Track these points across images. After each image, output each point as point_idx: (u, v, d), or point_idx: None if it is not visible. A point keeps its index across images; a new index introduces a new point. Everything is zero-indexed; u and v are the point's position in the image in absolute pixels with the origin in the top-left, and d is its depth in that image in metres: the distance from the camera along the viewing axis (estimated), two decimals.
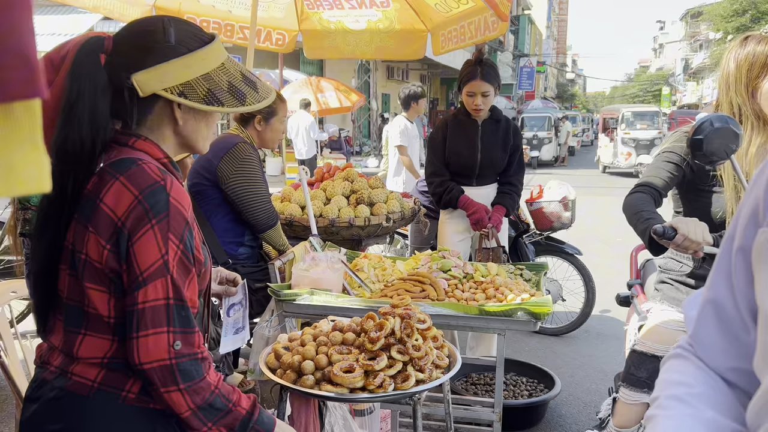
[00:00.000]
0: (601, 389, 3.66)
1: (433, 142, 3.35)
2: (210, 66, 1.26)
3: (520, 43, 38.84)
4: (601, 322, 4.83)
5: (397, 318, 1.77)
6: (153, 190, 1.16)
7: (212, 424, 1.24)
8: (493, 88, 3.16)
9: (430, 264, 2.69)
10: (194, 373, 1.19)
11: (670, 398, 0.75)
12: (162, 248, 1.17)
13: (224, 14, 4.23)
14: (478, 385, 3.38)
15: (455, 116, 3.33)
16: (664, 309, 2.05)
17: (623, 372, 2.14)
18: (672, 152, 2.05)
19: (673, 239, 1.68)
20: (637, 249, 2.85)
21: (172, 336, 1.17)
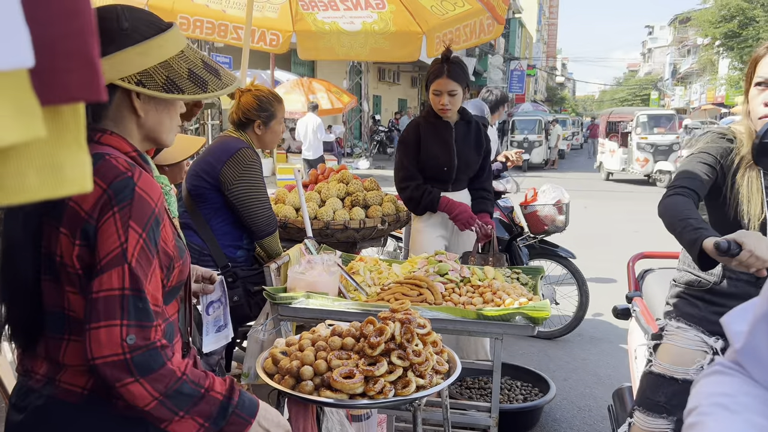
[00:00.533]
0: (595, 393, 3.66)
1: (405, 145, 3.17)
2: (168, 53, 1.21)
3: (510, 46, 39.00)
4: (593, 325, 4.83)
5: (398, 323, 1.74)
6: (119, 180, 1.12)
7: (183, 413, 1.14)
8: (460, 87, 3.03)
9: (426, 267, 2.67)
10: (152, 362, 1.11)
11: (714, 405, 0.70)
12: (121, 236, 1.10)
13: (217, 14, 4.19)
14: (472, 389, 3.36)
15: (426, 118, 3.18)
16: (681, 326, 1.90)
17: (638, 394, 1.99)
18: (707, 153, 1.86)
19: (737, 255, 1.50)
20: (634, 258, 2.74)
21: (125, 329, 1.09)
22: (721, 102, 35.28)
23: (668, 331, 1.92)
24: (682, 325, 1.88)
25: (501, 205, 4.40)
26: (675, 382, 1.82)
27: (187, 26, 4.07)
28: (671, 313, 1.96)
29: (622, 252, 7.06)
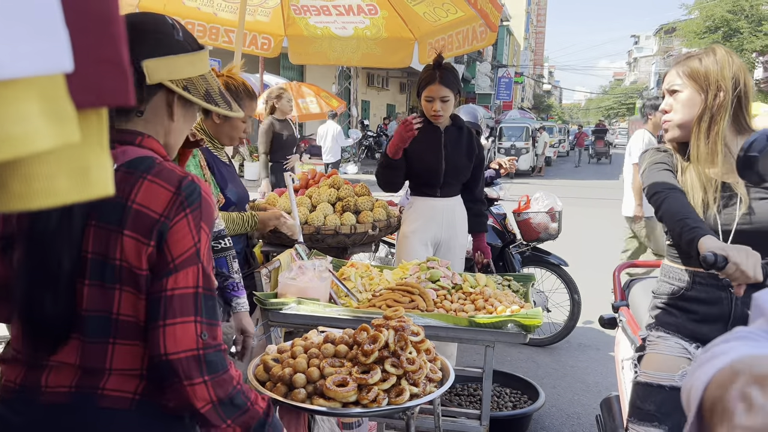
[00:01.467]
0: (583, 400, 3.67)
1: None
2: (205, 69, 1.31)
3: (498, 53, 39.24)
4: (582, 332, 4.85)
5: (391, 330, 1.74)
6: (188, 183, 1.16)
7: (231, 421, 1.18)
8: (452, 93, 3.04)
9: (418, 274, 2.66)
10: (219, 364, 1.14)
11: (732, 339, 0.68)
12: (195, 236, 1.15)
13: (209, 17, 4.16)
14: (462, 396, 3.36)
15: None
16: (661, 335, 1.91)
17: (629, 406, 1.97)
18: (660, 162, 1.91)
19: (723, 269, 1.51)
20: (619, 268, 2.73)
21: (200, 326, 1.13)
22: None
23: (650, 341, 1.94)
24: (662, 334, 1.91)
25: (494, 212, 4.41)
26: (662, 390, 1.84)
27: None
28: (652, 325, 1.98)
29: (610, 260, 7.10)
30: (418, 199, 3.19)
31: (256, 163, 11.77)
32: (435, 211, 3.18)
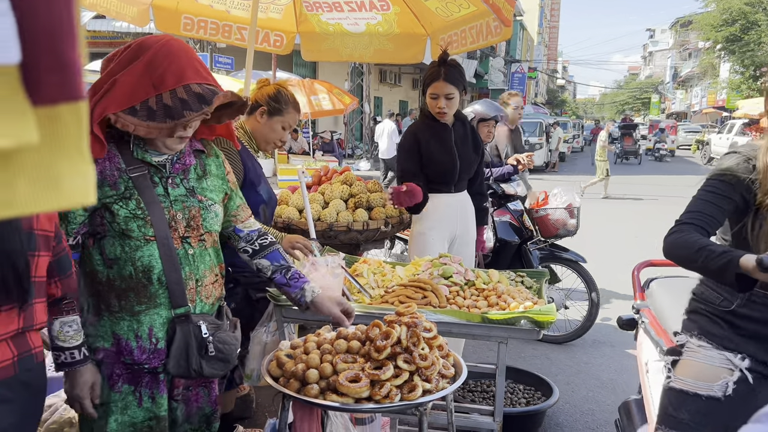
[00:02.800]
0: (597, 397, 3.65)
1: (407, 150, 3.12)
2: None
3: (511, 48, 39.02)
4: (597, 329, 4.81)
5: (404, 326, 1.74)
6: None
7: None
8: (457, 90, 3.02)
9: (431, 270, 2.66)
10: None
11: None
12: None
13: (222, 14, 4.18)
14: (475, 392, 3.35)
15: (422, 122, 3.16)
16: (703, 345, 1.77)
17: (659, 412, 1.86)
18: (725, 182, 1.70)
19: None
20: (638, 267, 2.66)
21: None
22: (722, 105, 35.30)
23: (689, 348, 1.81)
24: (705, 344, 1.78)
25: (511, 208, 4.38)
26: (699, 399, 1.72)
27: (191, 26, 4.06)
28: (692, 330, 1.84)
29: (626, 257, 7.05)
30: (434, 196, 3.18)
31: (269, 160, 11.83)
32: (450, 207, 3.18)
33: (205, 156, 1.87)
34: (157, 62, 1.60)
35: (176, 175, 1.77)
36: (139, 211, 1.66)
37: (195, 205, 1.77)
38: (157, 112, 1.58)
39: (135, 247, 1.67)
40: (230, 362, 1.82)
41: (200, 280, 1.77)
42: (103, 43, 14.82)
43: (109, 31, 14.17)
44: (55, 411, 2.13)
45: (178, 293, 1.71)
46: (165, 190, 1.73)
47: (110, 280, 1.68)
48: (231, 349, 1.81)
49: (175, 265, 1.70)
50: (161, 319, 1.72)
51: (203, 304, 1.79)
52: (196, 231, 1.76)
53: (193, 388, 1.88)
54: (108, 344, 1.71)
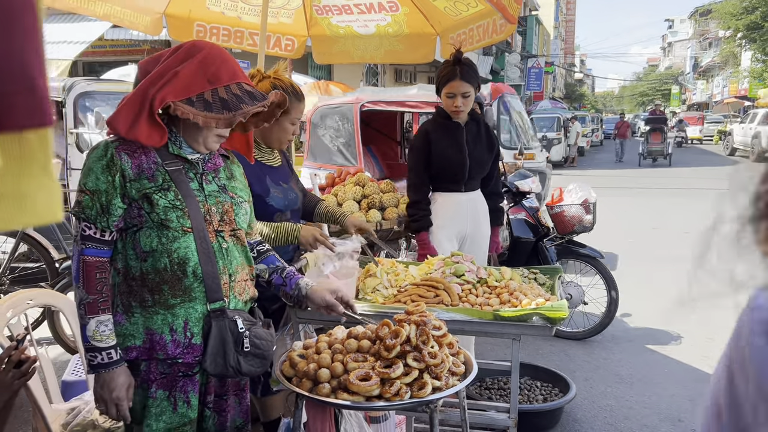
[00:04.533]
0: (616, 392, 3.63)
1: (417, 150, 3.16)
2: None
3: (527, 44, 38.74)
4: (615, 324, 4.78)
5: (413, 325, 1.76)
6: None
7: None
8: (472, 88, 3.05)
9: (443, 269, 2.67)
10: None
11: None
12: None
13: (234, 21, 4.24)
14: (492, 390, 3.36)
15: (435, 121, 3.19)
16: None
17: None
18: None
19: None
20: None
21: None
22: (744, 95, 34.69)
23: None
24: None
25: (526, 205, 4.37)
26: None
27: (204, 34, 4.13)
28: None
29: (643, 251, 6.96)
30: (443, 195, 3.20)
31: None
32: (460, 206, 3.19)
33: (229, 162, 1.95)
34: (210, 60, 1.71)
35: (209, 173, 1.83)
36: (178, 202, 1.70)
37: (228, 201, 1.83)
38: (214, 104, 1.68)
39: (172, 239, 1.69)
40: (267, 359, 1.84)
41: (233, 276, 1.80)
42: (121, 51, 15.04)
43: (127, 40, 14.38)
44: (78, 414, 2.19)
45: (213, 287, 1.73)
46: (200, 185, 1.78)
47: (144, 274, 1.70)
48: (267, 344, 1.83)
49: (211, 258, 1.73)
50: (197, 314, 1.73)
51: (237, 301, 1.81)
52: (229, 226, 1.82)
53: (227, 396, 1.88)
54: (140, 342, 1.71)
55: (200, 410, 1.83)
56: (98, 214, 1.66)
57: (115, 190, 1.66)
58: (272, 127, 2.58)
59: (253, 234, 2.05)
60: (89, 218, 1.66)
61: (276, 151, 2.71)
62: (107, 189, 1.65)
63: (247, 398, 1.97)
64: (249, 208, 1.93)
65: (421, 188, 3.15)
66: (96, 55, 14.84)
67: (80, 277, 1.66)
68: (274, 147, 2.67)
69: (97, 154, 1.68)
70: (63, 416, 2.19)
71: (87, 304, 1.65)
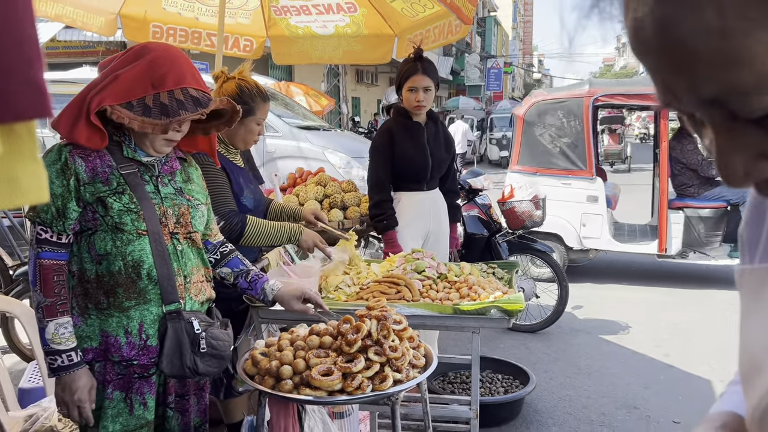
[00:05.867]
0: (574, 383, 3.73)
1: (380, 151, 3.17)
2: None
3: (487, 44, 39.26)
4: (572, 317, 4.92)
5: (374, 320, 1.79)
6: None
7: None
8: (433, 83, 3.12)
9: (404, 265, 2.72)
10: None
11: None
12: None
13: (191, 22, 4.20)
14: (454, 384, 3.42)
15: (396, 121, 3.21)
16: None
17: None
18: None
19: None
20: None
21: None
22: None
23: None
24: None
25: (479, 202, 4.46)
26: None
27: (161, 35, 4.08)
28: None
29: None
30: (406, 194, 3.23)
31: None
32: (423, 204, 3.24)
33: (187, 164, 1.95)
34: (158, 64, 1.69)
35: (165, 175, 1.83)
36: (132, 205, 1.70)
37: (184, 204, 1.84)
38: (153, 109, 1.66)
39: (127, 241, 1.70)
40: (225, 359, 1.86)
41: (188, 277, 1.82)
42: (75, 52, 14.66)
43: (81, 41, 14.03)
44: (36, 420, 2.15)
45: (168, 289, 1.74)
46: (156, 188, 1.78)
47: (99, 277, 1.70)
48: (224, 345, 1.85)
49: (166, 261, 1.74)
50: (152, 316, 1.74)
51: (193, 302, 1.83)
52: (185, 228, 1.83)
53: (188, 396, 1.90)
54: (96, 343, 1.72)
55: (162, 411, 1.84)
56: (54, 217, 1.65)
57: (70, 193, 1.65)
58: (238, 128, 2.58)
59: (213, 235, 2.06)
60: (45, 222, 1.65)
61: (239, 152, 2.71)
62: (62, 193, 1.65)
63: (206, 397, 1.99)
64: (206, 211, 1.94)
65: (385, 188, 3.18)
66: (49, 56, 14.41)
67: (37, 281, 1.65)
68: (239, 147, 2.67)
69: (50, 158, 1.67)
70: (20, 423, 2.15)
71: (45, 307, 1.64)
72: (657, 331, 4.63)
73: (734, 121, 0.42)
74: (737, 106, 0.41)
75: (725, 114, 0.42)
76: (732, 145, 0.44)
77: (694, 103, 0.43)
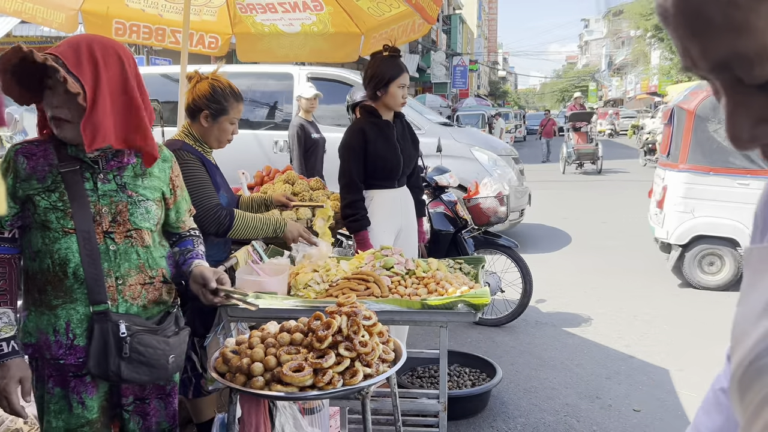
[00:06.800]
0: (540, 375, 3.82)
1: (353, 150, 3.15)
2: None
3: (452, 42, 39.51)
4: (537, 310, 5.03)
5: (344, 316, 1.82)
6: None
7: None
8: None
9: (373, 262, 2.75)
10: None
11: None
12: None
13: (154, 18, 4.15)
14: (423, 378, 3.47)
15: (368, 120, 3.22)
16: None
17: None
18: None
19: None
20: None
21: None
22: (655, 91, 36.76)
23: None
24: None
25: (445, 199, 4.52)
26: None
27: (123, 31, 4.02)
28: None
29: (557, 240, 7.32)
30: (378, 192, 3.25)
31: None
32: (394, 201, 3.28)
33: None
34: None
35: (110, 172, 1.79)
36: (60, 203, 1.70)
37: (123, 200, 1.78)
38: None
39: (53, 239, 1.70)
40: (156, 368, 1.77)
41: (122, 279, 1.77)
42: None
43: (38, 36, 13.64)
44: (2, 423, 2.12)
45: (96, 289, 1.71)
46: (94, 185, 1.76)
47: (34, 274, 1.73)
48: (156, 353, 1.76)
49: (95, 260, 1.71)
50: (78, 315, 1.72)
51: (128, 305, 1.78)
52: (123, 226, 1.77)
53: (149, 400, 1.88)
54: (34, 339, 1.74)
55: (119, 413, 1.85)
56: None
57: (7, 191, 1.69)
58: (211, 127, 2.59)
59: (185, 228, 2.02)
60: None
61: (212, 152, 2.71)
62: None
63: (174, 402, 1.97)
64: (154, 207, 1.85)
65: (358, 187, 3.17)
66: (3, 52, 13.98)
67: None
68: (213, 147, 2.66)
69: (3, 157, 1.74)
70: None
71: None
72: (616, 323, 4.77)
73: (741, 86, 0.48)
74: (742, 72, 0.47)
75: (733, 79, 0.48)
76: (738, 110, 0.49)
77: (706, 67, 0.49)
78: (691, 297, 5.41)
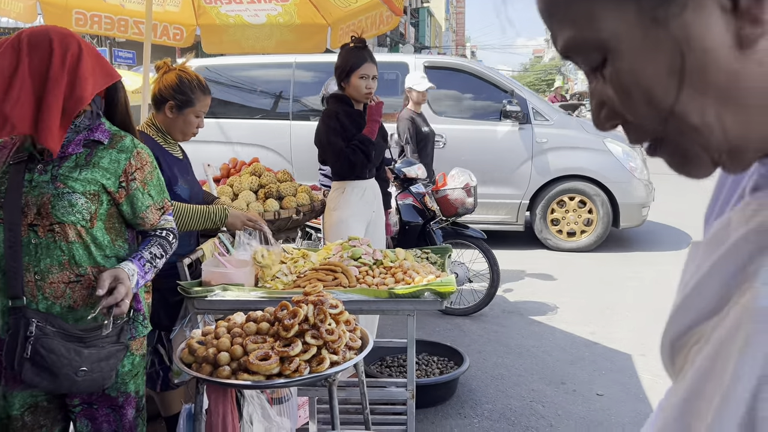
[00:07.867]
0: (506, 362, 3.89)
1: (336, 131, 3.14)
2: None
3: (420, 35, 39.56)
4: (504, 299, 5.11)
5: (310, 305, 1.83)
6: None
7: None
8: (377, 72, 3.19)
9: (341, 253, 2.76)
10: None
11: None
12: None
13: (116, 8, 4.08)
14: (392, 368, 3.51)
15: (341, 108, 3.20)
16: None
17: None
18: None
19: None
20: None
21: None
22: None
23: None
24: None
25: (413, 191, 4.55)
26: None
27: (84, 22, 3.94)
28: None
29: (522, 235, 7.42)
30: (351, 183, 3.25)
31: None
32: (366, 192, 3.30)
33: (103, 148, 1.80)
34: None
35: (50, 162, 1.76)
36: (2, 195, 1.71)
37: (48, 192, 1.71)
38: None
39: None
40: (58, 377, 1.65)
41: (42, 275, 1.72)
42: None
43: None
44: None
45: (12, 283, 1.69)
46: (31, 176, 1.74)
47: None
48: (60, 361, 1.64)
49: (16, 253, 1.69)
50: (1, 307, 1.72)
51: (49, 303, 1.74)
52: (47, 220, 1.72)
53: (97, 406, 1.87)
54: None
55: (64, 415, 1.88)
56: None
57: None
58: (176, 118, 2.57)
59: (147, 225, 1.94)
60: None
61: (178, 144, 2.68)
62: None
63: (130, 415, 1.94)
64: (82, 201, 1.74)
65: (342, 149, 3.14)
66: None
67: None
68: (177, 139, 2.64)
69: None
70: None
71: None
72: (580, 309, 4.87)
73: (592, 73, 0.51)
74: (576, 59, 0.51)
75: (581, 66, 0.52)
76: (591, 93, 0.53)
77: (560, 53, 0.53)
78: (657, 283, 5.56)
